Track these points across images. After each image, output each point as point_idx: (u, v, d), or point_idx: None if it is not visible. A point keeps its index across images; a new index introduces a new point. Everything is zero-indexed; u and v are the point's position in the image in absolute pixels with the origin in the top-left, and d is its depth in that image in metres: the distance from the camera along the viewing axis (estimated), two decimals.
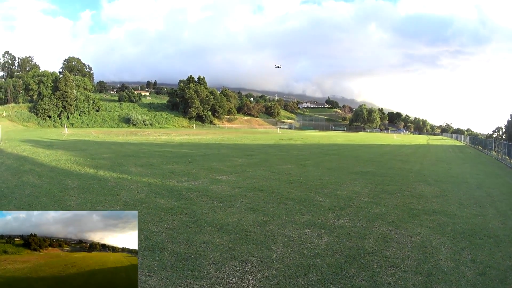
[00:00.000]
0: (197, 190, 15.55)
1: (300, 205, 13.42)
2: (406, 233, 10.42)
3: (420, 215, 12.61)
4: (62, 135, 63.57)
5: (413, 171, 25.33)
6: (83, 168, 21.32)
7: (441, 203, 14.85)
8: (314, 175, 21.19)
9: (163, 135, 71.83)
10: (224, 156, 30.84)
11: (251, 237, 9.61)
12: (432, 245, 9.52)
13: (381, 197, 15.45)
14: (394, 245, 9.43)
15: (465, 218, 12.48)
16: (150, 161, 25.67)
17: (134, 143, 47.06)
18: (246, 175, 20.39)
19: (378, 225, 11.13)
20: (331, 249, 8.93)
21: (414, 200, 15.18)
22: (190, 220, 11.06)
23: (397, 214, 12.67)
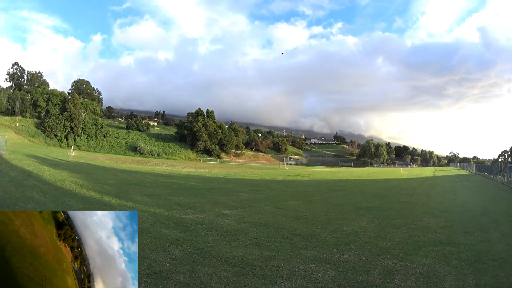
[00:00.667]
0: (202, 223, 15.48)
1: (305, 241, 13.31)
2: (411, 265, 10.35)
3: (425, 247, 12.54)
4: (68, 156, 64.27)
5: (419, 204, 25.13)
6: (88, 192, 21.34)
7: (446, 233, 14.79)
8: (321, 211, 21.02)
9: (170, 167, 71.49)
10: (230, 191, 30.58)
11: (256, 271, 9.52)
12: (436, 275, 9.45)
13: (386, 231, 15.34)
14: (399, 277, 9.36)
15: (470, 246, 12.48)
16: (156, 191, 25.54)
17: (141, 172, 47.20)
18: (252, 210, 20.20)
19: (383, 259, 11.04)
20: (335, 283, 8.86)
21: (419, 232, 15.09)
22: (194, 251, 10.99)
23: (402, 247, 12.58)
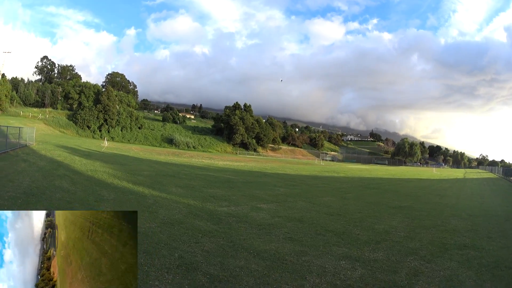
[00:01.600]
0: (236, 216, 15.55)
1: (337, 237, 13.37)
2: (436, 267, 10.35)
3: (451, 250, 12.51)
4: (102, 147, 63.98)
5: (449, 205, 25.02)
6: (121, 182, 21.51)
7: (471, 237, 14.74)
8: (354, 208, 21.03)
9: (206, 159, 72.20)
10: (266, 185, 30.67)
11: (287, 266, 9.60)
12: (458, 278, 9.49)
13: (416, 232, 15.32)
14: (424, 279, 9.38)
15: (492, 251, 12.43)
16: (191, 183, 25.63)
17: (176, 163, 47.25)
18: (287, 204, 20.26)
19: (411, 260, 11.06)
20: (363, 282, 8.91)
21: (447, 235, 15.04)
22: (227, 244, 11.06)
23: (430, 248, 12.56)
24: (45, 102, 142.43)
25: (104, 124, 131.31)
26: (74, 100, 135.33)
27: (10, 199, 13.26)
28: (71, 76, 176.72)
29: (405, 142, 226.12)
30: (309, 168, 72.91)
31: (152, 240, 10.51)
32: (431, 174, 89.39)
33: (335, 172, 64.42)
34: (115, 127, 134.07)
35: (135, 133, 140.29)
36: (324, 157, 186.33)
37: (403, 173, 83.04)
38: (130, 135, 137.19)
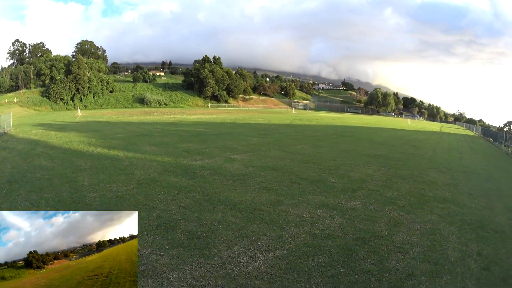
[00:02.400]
0: (211, 169, 15.62)
1: (313, 186, 13.48)
2: (416, 219, 10.42)
3: (430, 202, 12.59)
4: (75, 117, 63.24)
5: (425, 157, 25.15)
6: (96, 149, 21.36)
7: (451, 191, 14.76)
8: (328, 156, 21.28)
9: (178, 115, 71.16)
10: (238, 135, 30.89)
11: (264, 216, 9.67)
12: (440, 233, 9.50)
13: (393, 181, 15.48)
14: (404, 230, 9.45)
15: (474, 209, 12.40)
16: (164, 140, 25.69)
17: (149, 122, 47.01)
18: (260, 154, 20.48)
19: (389, 209, 11.17)
20: (342, 231, 8.98)
21: (425, 186, 15.13)
22: (203, 198, 11.10)
23: (409, 199, 12.67)
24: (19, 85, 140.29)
25: (77, 94, 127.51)
26: (46, 76, 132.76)
27: None
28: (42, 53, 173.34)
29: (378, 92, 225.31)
30: (281, 117, 73.84)
31: (130, 203, 10.50)
32: (406, 125, 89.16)
33: (307, 121, 65.09)
34: (87, 94, 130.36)
35: (107, 97, 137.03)
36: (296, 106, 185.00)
37: (376, 123, 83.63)
38: (102, 101, 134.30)
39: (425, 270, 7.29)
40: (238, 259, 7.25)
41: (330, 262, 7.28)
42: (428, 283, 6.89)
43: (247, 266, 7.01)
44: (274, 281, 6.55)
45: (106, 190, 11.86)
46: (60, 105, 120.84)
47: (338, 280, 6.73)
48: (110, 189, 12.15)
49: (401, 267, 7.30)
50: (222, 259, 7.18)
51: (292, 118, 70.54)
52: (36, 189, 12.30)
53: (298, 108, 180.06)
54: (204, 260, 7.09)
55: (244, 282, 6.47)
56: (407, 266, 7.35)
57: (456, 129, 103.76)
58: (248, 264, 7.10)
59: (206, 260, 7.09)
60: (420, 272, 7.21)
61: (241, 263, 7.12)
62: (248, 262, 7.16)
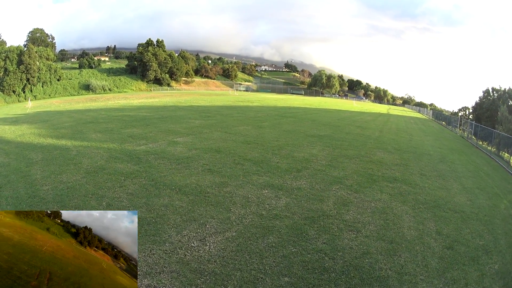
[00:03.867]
0: (155, 153, 15.63)
1: (257, 166, 13.65)
2: (366, 198, 10.65)
3: (379, 181, 12.86)
4: (26, 109, 61.04)
5: (372, 138, 25.59)
6: (46, 140, 20.96)
7: (401, 171, 15.08)
8: (271, 137, 21.48)
9: (122, 100, 70.51)
10: (181, 118, 30.92)
11: (210, 199, 9.74)
12: (393, 212, 9.72)
13: (339, 161, 15.72)
14: (354, 209, 9.64)
15: (428, 190, 12.67)
16: (109, 126, 25.45)
17: (94, 109, 46.04)
18: (203, 136, 20.53)
19: (336, 188, 11.36)
20: (289, 211, 9.11)
21: (373, 166, 15.47)
22: (149, 183, 11.12)
23: (356, 178, 12.92)
24: None
25: (27, 84, 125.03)
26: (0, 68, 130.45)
27: None
28: None
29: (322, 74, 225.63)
30: (223, 99, 73.14)
31: (80, 193, 10.36)
32: (351, 106, 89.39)
33: (249, 102, 65.49)
34: (37, 84, 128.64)
35: (54, 86, 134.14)
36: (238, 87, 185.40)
37: (320, 104, 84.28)
38: (50, 90, 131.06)
39: (380, 249, 7.48)
40: (188, 243, 7.30)
41: (280, 242, 7.42)
42: (386, 261, 7.09)
43: (198, 250, 7.07)
44: (227, 264, 6.63)
45: (57, 182, 11.71)
46: (13, 97, 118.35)
47: (290, 260, 6.86)
48: (61, 180, 12.00)
49: (354, 246, 7.47)
50: (173, 244, 7.23)
51: (234, 100, 70.65)
52: None
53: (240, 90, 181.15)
54: (156, 247, 7.11)
55: (198, 267, 6.51)
56: (361, 245, 7.52)
57: (404, 112, 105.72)
58: (199, 248, 7.16)
59: (158, 247, 7.11)
60: (376, 250, 7.40)
61: (192, 247, 7.17)
62: (199, 246, 7.22)
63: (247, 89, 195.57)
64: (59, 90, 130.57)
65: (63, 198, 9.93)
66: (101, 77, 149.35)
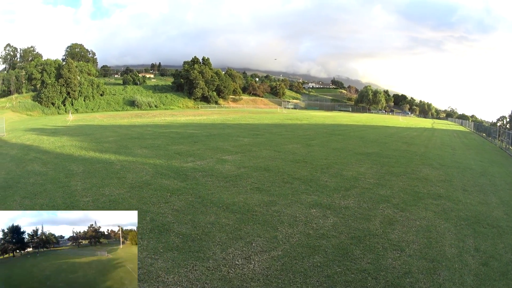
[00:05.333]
0: (202, 170, 15.58)
1: (306, 185, 13.45)
2: (411, 217, 10.40)
3: (425, 199, 12.57)
4: (67, 121, 62.17)
5: (418, 154, 25.15)
6: (88, 153, 21.23)
7: (445, 187, 14.76)
8: (320, 155, 21.23)
9: (168, 117, 70.59)
10: (229, 136, 30.80)
11: (257, 217, 9.64)
12: (436, 230, 9.48)
13: (386, 179, 15.46)
14: (399, 228, 9.43)
15: (469, 205, 12.37)
16: (155, 142, 25.57)
17: (140, 125, 46.68)
18: (251, 154, 20.45)
19: (383, 207, 11.15)
20: (336, 230, 8.96)
21: (419, 183, 15.12)
22: (196, 200, 11.06)
23: (402, 196, 12.66)
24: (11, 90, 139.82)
25: (68, 98, 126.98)
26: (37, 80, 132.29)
27: None
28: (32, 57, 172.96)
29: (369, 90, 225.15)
30: (271, 117, 73.58)
31: (123, 207, 10.46)
32: (397, 122, 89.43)
33: (298, 120, 64.85)
34: (78, 98, 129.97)
35: (97, 101, 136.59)
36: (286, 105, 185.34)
37: (367, 120, 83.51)
38: (93, 104, 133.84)
39: (422, 267, 7.28)
40: (233, 261, 7.21)
41: (325, 262, 7.26)
42: (426, 280, 6.89)
43: (242, 268, 6.98)
44: (270, 283, 6.53)
45: (99, 194, 11.79)
46: (52, 109, 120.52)
47: (334, 280, 6.71)
48: (103, 193, 12.09)
49: (397, 265, 7.30)
50: (217, 262, 7.14)
51: (283, 118, 70.39)
52: (30, 194, 12.20)
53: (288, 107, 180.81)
54: (199, 263, 7.05)
55: (240, 284, 6.45)
56: (403, 264, 7.35)
57: (448, 125, 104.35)
58: (243, 266, 7.07)
59: (201, 263, 7.05)
60: (417, 269, 7.21)
61: (236, 265, 7.08)
62: (243, 264, 7.13)
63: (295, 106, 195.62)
64: (103, 105, 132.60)
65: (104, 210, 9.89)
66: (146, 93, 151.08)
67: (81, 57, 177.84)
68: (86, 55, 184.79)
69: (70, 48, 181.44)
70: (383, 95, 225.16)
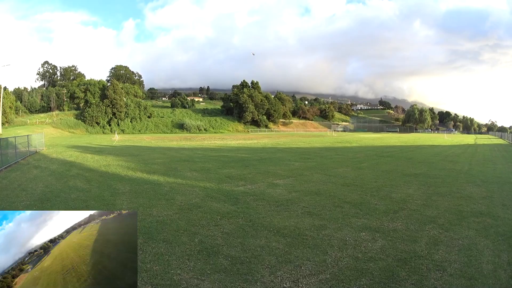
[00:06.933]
0: (253, 194, 15.57)
1: (356, 209, 13.37)
2: (455, 236, 10.29)
3: (468, 218, 12.41)
4: (113, 141, 64.19)
5: (462, 171, 24.87)
6: (135, 173, 21.55)
7: (487, 204, 14.58)
8: (370, 178, 21.07)
9: (218, 140, 72.35)
10: (280, 160, 30.68)
11: (307, 241, 9.60)
12: (476, 248, 9.37)
13: (433, 199, 15.26)
14: (443, 248, 9.33)
15: (507, 220, 12.27)
16: (205, 165, 25.64)
17: (189, 148, 47.02)
18: (302, 178, 20.28)
19: (429, 228, 11.03)
20: (384, 253, 8.90)
21: (463, 202, 14.93)
22: (246, 224, 11.09)
23: (448, 216, 12.50)
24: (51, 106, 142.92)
25: (113, 118, 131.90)
26: (80, 99, 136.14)
27: (25, 208, 13.07)
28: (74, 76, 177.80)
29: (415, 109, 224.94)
30: (321, 140, 73.16)
31: (171, 228, 10.52)
32: (443, 140, 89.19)
33: (348, 142, 64.67)
34: (124, 119, 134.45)
35: (145, 122, 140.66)
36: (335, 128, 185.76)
37: (415, 140, 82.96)
38: (140, 125, 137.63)
39: (460, 286, 7.25)
40: (281, 284, 7.20)
41: (371, 284, 7.24)
42: None
43: None
44: None
45: (146, 215, 11.94)
46: (96, 128, 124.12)
47: None
48: (150, 213, 12.24)
49: (439, 285, 7.23)
50: (265, 284, 7.15)
51: (333, 141, 70.32)
52: (70, 209, 12.43)
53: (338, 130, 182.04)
54: (247, 285, 7.07)
55: None
56: (444, 284, 7.29)
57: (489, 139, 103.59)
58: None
59: (248, 285, 7.07)
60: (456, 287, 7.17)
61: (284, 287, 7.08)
62: (291, 286, 7.10)
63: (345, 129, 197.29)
64: (150, 127, 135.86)
65: (151, 231, 10.17)
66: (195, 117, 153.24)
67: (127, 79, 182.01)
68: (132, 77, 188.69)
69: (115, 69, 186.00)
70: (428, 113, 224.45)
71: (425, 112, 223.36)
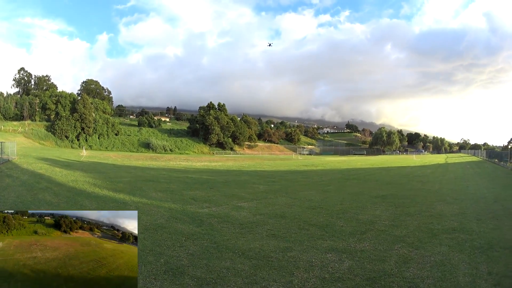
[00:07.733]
0: (218, 217, 15.51)
1: (321, 231, 13.33)
2: (426, 253, 10.34)
3: (439, 235, 12.54)
4: (80, 156, 64.45)
5: (432, 191, 25.19)
6: (102, 191, 21.42)
7: (459, 220, 14.78)
8: (335, 200, 21.02)
9: (184, 161, 71.33)
10: (245, 183, 30.72)
11: (273, 263, 9.56)
12: (450, 262, 9.45)
13: (401, 219, 15.35)
14: (414, 265, 9.36)
15: (483, 233, 12.45)
16: (170, 186, 25.59)
17: (154, 168, 46.99)
18: (267, 201, 20.26)
19: (398, 247, 11.07)
20: (352, 273, 8.87)
21: (433, 220, 15.08)
22: (211, 245, 11.03)
23: (417, 235, 12.60)
24: (24, 115, 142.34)
25: (82, 133, 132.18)
26: (51, 111, 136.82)
27: None
28: (47, 87, 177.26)
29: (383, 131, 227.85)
30: (287, 164, 73.14)
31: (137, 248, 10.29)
32: (412, 161, 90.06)
33: (313, 166, 64.64)
34: (92, 135, 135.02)
35: (112, 140, 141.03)
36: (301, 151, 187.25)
37: (382, 162, 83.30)
38: (107, 142, 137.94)
39: None
40: None
41: None
42: None
43: None
44: None
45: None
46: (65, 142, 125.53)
47: None
48: None
49: None
50: None
51: (298, 164, 70.29)
52: None
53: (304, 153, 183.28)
54: None
55: None
56: None
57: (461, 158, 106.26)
58: None
59: None
60: None
61: None
62: None
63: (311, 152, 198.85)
64: (117, 145, 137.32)
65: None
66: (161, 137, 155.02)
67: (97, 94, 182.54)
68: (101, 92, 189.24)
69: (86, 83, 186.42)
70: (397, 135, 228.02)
71: (393, 134, 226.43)
